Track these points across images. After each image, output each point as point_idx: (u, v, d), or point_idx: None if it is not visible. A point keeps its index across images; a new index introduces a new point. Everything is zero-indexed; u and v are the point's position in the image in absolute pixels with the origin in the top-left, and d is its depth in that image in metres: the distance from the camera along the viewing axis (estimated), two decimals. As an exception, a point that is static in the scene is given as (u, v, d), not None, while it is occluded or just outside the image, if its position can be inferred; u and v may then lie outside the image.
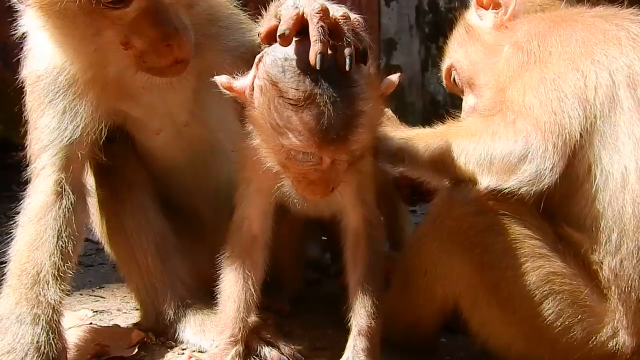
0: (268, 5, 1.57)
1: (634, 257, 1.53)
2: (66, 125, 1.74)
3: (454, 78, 2.12)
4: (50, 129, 1.74)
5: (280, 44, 1.42)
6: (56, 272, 1.66)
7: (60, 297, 1.67)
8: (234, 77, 1.53)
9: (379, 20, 5.62)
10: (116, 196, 1.92)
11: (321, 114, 1.36)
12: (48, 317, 1.63)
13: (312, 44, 1.39)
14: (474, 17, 2.04)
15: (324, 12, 1.42)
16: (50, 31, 1.66)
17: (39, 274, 1.65)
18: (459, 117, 1.89)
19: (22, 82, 1.83)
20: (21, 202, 1.78)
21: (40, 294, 1.63)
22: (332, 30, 1.41)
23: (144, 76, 1.70)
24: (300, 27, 1.42)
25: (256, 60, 1.50)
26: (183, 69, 1.66)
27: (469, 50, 2.04)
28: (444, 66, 2.17)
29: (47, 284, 1.65)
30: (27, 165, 1.83)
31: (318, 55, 1.36)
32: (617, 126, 1.56)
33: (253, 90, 1.49)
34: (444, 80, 2.20)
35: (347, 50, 1.40)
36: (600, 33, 1.66)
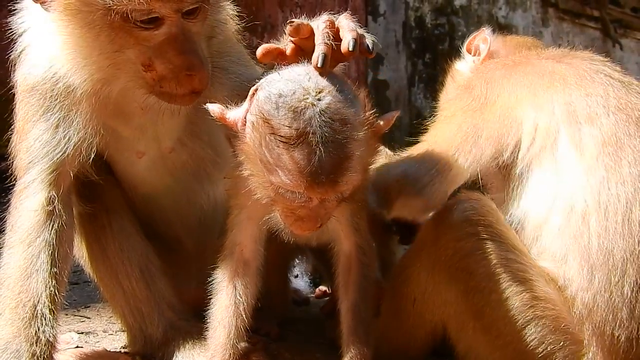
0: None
1: (606, 291, 1.52)
2: (59, 140, 1.68)
3: None
4: (42, 142, 1.68)
5: (288, 32, 1.50)
6: (52, 305, 1.63)
7: (56, 331, 1.64)
8: (227, 107, 1.51)
9: (366, 36, 5.64)
10: (95, 221, 1.88)
11: (312, 154, 1.33)
12: (45, 355, 1.60)
13: (316, 46, 1.44)
14: (462, 63, 2.23)
15: (330, 22, 1.50)
16: (67, 38, 1.58)
17: (36, 306, 1.61)
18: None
19: (13, 89, 1.76)
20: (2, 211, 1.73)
21: (39, 330, 1.60)
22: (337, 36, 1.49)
23: (150, 98, 1.65)
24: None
25: (250, 92, 1.47)
26: (195, 100, 1.63)
27: (446, 90, 2.24)
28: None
29: (45, 319, 1.61)
30: (10, 174, 1.78)
31: (321, 55, 1.42)
32: (565, 161, 1.63)
33: (245, 123, 1.47)
34: None
35: (350, 39, 1.46)
36: (548, 75, 1.78)
